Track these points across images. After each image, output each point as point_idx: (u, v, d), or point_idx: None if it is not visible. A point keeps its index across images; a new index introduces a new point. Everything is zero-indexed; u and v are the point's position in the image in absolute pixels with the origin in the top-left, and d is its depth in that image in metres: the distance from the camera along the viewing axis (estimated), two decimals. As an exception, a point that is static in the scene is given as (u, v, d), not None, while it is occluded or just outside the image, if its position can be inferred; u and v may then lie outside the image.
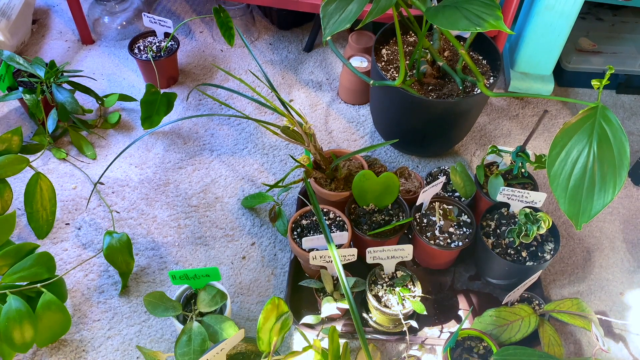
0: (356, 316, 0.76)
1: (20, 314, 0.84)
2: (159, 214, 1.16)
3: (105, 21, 1.52)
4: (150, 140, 1.29)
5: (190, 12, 1.64)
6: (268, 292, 1.05)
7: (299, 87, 1.44)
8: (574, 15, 1.28)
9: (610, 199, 0.74)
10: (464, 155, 1.31)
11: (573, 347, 1.00)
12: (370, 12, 0.80)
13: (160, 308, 0.89)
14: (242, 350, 0.86)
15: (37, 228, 1.05)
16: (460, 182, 1.09)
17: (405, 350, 0.97)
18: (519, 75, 1.43)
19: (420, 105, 1.12)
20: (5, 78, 1.20)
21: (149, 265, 1.08)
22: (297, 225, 1.02)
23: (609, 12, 1.57)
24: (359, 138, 1.33)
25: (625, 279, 1.11)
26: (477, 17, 0.77)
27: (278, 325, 0.76)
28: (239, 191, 1.21)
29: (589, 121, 0.76)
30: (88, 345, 0.97)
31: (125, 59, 1.48)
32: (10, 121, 1.32)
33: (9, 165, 0.99)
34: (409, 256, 0.93)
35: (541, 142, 1.35)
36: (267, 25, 1.61)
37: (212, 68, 1.47)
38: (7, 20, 1.40)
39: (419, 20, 1.17)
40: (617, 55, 1.46)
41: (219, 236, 1.13)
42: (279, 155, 1.28)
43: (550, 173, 0.76)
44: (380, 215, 1.04)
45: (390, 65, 1.20)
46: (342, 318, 1.00)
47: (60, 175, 1.21)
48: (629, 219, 1.21)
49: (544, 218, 0.95)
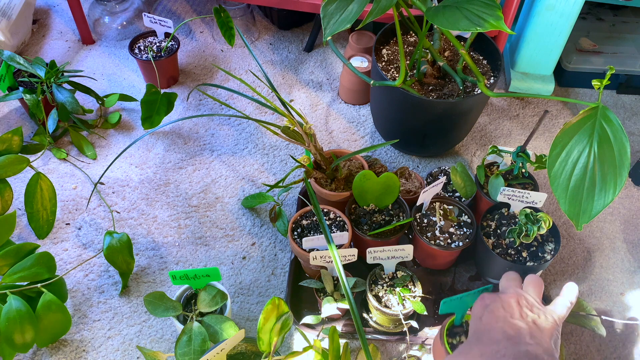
0: (356, 316, 0.75)
1: (20, 314, 0.84)
2: (159, 214, 1.16)
3: (106, 21, 1.53)
4: (150, 140, 1.29)
5: (190, 12, 1.64)
6: (268, 292, 1.05)
7: (299, 87, 1.44)
8: (575, 15, 1.28)
9: (610, 199, 0.73)
10: (465, 155, 1.31)
11: (574, 347, 1.00)
12: (371, 12, 0.80)
13: (160, 308, 0.89)
14: (242, 350, 0.86)
15: (37, 228, 1.05)
16: (460, 182, 1.09)
17: (405, 351, 0.97)
18: (519, 76, 1.43)
19: (420, 106, 1.12)
20: (5, 78, 1.20)
21: (149, 265, 1.08)
22: (298, 226, 1.02)
23: (609, 12, 1.57)
24: (360, 138, 1.33)
25: (625, 279, 1.10)
26: (477, 17, 0.77)
27: (278, 325, 0.76)
28: (239, 191, 1.21)
29: (589, 121, 0.76)
30: (88, 345, 0.97)
31: (125, 59, 1.48)
32: (11, 121, 1.32)
33: (10, 165, 1.00)
34: (410, 256, 0.93)
35: (542, 142, 1.35)
36: (267, 25, 1.61)
37: (212, 68, 1.47)
38: (8, 20, 1.40)
39: (419, 20, 1.17)
40: (618, 55, 1.46)
41: (219, 236, 1.13)
42: (279, 156, 1.28)
43: (550, 173, 0.76)
44: (380, 216, 1.04)
45: (391, 66, 1.20)
46: (343, 318, 1.00)
47: (60, 175, 1.21)
48: (630, 219, 1.21)
49: (545, 218, 0.95)
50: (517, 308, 0.69)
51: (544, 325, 0.67)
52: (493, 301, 0.71)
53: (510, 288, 0.73)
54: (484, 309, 0.71)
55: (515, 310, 0.69)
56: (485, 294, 0.74)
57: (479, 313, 0.72)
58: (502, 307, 0.69)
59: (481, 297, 0.74)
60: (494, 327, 0.67)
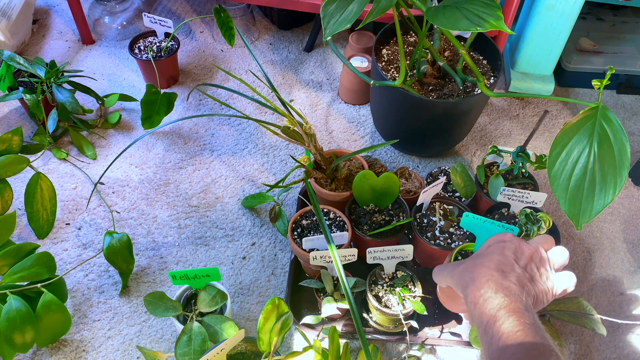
0: (356, 316, 0.75)
1: (20, 314, 0.84)
2: (159, 214, 1.16)
3: (106, 21, 1.53)
4: (150, 140, 1.29)
5: (190, 12, 1.64)
6: (268, 292, 1.05)
7: (299, 87, 1.44)
8: (575, 15, 1.28)
9: (610, 200, 0.73)
10: (465, 155, 1.31)
11: (574, 347, 1.00)
12: (371, 12, 0.80)
13: (160, 308, 0.89)
14: (242, 350, 0.86)
15: (37, 228, 1.05)
16: (460, 183, 1.09)
17: (405, 351, 0.97)
18: (519, 76, 1.43)
19: (420, 106, 1.12)
20: (5, 78, 1.20)
21: (149, 265, 1.08)
22: (298, 226, 1.02)
23: (609, 12, 1.57)
24: (360, 138, 1.33)
25: (625, 279, 1.10)
26: (477, 17, 0.77)
27: (278, 325, 0.76)
28: (239, 191, 1.21)
29: (589, 121, 0.76)
30: (88, 345, 0.97)
31: (125, 59, 1.48)
32: (11, 121, 1.32)
33: (10, 165, 1.00)
34: (409, 256, 0.93)
35: (542, 142, 1.35)
36: (267, 25, 1.61)
37: (212, 68, 1.47)
38: (8, 20, 1.40)
39: (419, 20, 1.17)
40: (618, 55, 1.46)
41: (219, 236, 1.13)
42: (279, 156, 1.28)
43: (550, 173, 0.76)
44: (380, 216, 1.04)
45: (391, 66, 1.20)
46: (343, 318, 1.00)
47: (60, 175, 1.21)
48: (630, 220, 1.21)
49: (545, 218, 0.95)
50: (527, 259, 0.70)
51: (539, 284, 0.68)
52: (510, 241, 0.72)
53: (537, 242, 0.74)
54: (498, 242, 0.72)
55: (523, 258, 0.69)
56: (509, 234, 0.74)
57: (491, 242, 0.73)
58: (515, 250, 0.70)
59: (503, 234, 0.74)
60: (493, 257, 0.69)
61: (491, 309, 0.62)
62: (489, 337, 0.60)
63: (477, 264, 0.69)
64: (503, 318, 0.60)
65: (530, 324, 0.59)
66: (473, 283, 0.66)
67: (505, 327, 0.59)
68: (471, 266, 0.70)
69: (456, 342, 0.98)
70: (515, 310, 0.61)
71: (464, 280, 0.69)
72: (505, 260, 0.69)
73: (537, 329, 0.59)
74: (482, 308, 0.63)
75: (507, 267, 0.68)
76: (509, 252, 0.70)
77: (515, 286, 0.64)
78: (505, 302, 0.62)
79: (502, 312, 0.61)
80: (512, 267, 0.68)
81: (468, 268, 0.70)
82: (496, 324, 0.60)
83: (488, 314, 0.62)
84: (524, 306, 0.62)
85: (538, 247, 0.73)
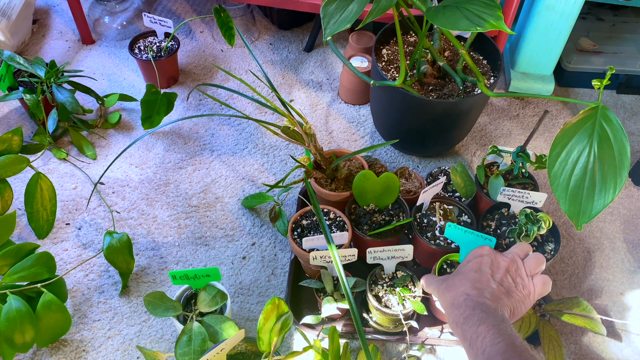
0: (356, 316, 0.75)
1: (20, 314, 0.84)
2: (159, 214, 1.16)
3: (106, 21, 1.53)
4: (150, 140, 1.29)
5: (190, 12, 1.64)
6: (268, 292, 1.05)
7: (299, 87, 1.44)
8: (575, 15, 1.28)
9: (610, 199, 0.74)
10: (465, 155, 1.31)
11: (574, 347, 1.00)
12: (371, 12, 0.80)
13: (160, 308, 0.89)
14: (242, 350, 0.86)
15: (37, 228, 1.05)
16: (460, 182, 1.09)
17: (405, 351, 0.97)
18: (519, 75, 1.43)
19: (420, 106, 1.12)
20: (5, 78, 1.20)
21: (149, 265, 1.08)
22: (298, 226, 1.02)
23: (609, 12, 1.57)
24: (360, 138, 1.33)
25: (625, 279, 1.10)
26: (477, 17, 0.77)
27: (278, 325, 0.76)
28: (239, 191, 1.21)
29: (589, 121, 0.76)
30: (88, 345, 0.97)
31: (125, 59, 1.48)
32: (11, 121, 1.32)
33: (10, 165, 1.00)
34: (410, 256, 0.93)
35: (542, 142, 1.35)
36: (267, 25, 1.61)
37: (212, 68, 1.47)
38: (8, 20, 1.40)
39: (419, 20, 1.17)
40: (618, 55, 1.46)
41: (219, 236, 1.13)
42: (279, 156, 1.28)
43: (550, 173, 0.76)
44: (380, 216, 1.04)
45: (391, 65, 1.20)
46: (343, 318, 1.00)
47: (60, 175, 1.21)
48: (630, 219, 1.21)
49: (545, 218, 0.95)
50: (503, 272, 0.77)
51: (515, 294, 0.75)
52: (487, 255, 0.79)
53: (513, 253, 0.80)
54: (476, 257, 0.80)
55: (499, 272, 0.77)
56: (487, 247, 0.81)
57: (470, 257, 0.80)
58: (491, 263, 0.78)
59: (482, 247, 0.81)
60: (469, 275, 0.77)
61: (472, 326, 0.69)
62: (474, 351, 0.68)
63: (455, 283, 0.77)
64: (484, 333, 0.67)
65: (509, 334, 0.67)
66: (452, 303, 0.74)
67: (488, 341, 0.67)
68: (451, 285, 0.77)
69: (456, 342, 0.98)
70: (494, 325, 0.68)
71: (445, 300, 0.77)
72: (482, 276, 0.76)
73: (514, 338, 0.67)
74: (464, 326, 0.71)
75: (482, 283, 0.75)
76: (485, 267, 0.77)
77: (490, 302, 0.72)
78: (483, 317, 0.69)
79: (482, 327, 0.68)
80: (487, 283, 0.75)
81: (448, 287, 0.77)
82: (478, 339, 0.68)
83: (470, 331, 0.69)
84: (501, 318, 0.70)
85: (514, 257, 0.80)
